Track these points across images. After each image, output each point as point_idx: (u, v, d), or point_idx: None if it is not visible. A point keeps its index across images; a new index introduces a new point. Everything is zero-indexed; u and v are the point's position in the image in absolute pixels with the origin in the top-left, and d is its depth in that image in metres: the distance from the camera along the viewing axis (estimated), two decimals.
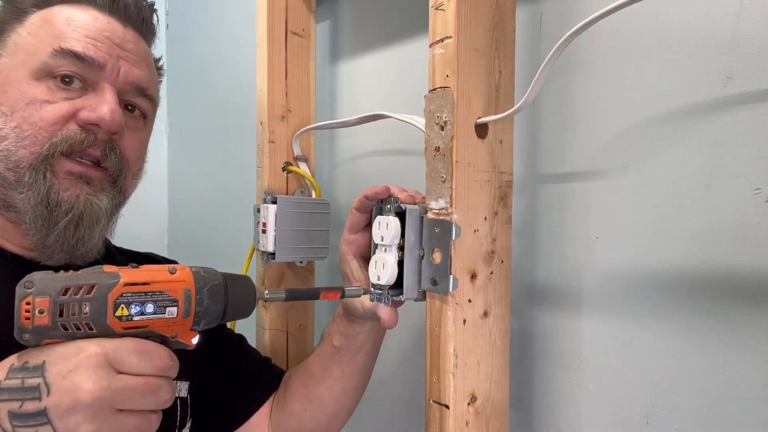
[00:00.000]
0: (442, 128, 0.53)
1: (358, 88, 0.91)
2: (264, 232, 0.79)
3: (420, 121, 0.60)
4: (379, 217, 0.58)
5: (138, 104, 0.63)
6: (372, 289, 0.58)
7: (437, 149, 0.53)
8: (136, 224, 1.58)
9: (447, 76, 0.52)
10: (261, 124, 0.85)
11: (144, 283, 0.44)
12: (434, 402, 0.54)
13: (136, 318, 0.43)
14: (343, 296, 0.55)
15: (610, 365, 0.59)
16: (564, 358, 0.62)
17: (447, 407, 0.53)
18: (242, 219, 1.04)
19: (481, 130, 0.55)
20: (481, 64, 0.54)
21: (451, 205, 0.52)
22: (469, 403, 0.55)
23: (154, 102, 0.65)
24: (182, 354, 0.61)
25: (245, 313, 0.51)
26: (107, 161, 0.59)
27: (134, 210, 0.69)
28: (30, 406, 0.39)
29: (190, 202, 1.52)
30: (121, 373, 0.41)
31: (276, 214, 0.78)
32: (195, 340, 0.48)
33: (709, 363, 0.51)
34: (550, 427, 0.64)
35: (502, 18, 0.56)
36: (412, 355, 0.82)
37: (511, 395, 0.60)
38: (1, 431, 0.39)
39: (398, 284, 0.56)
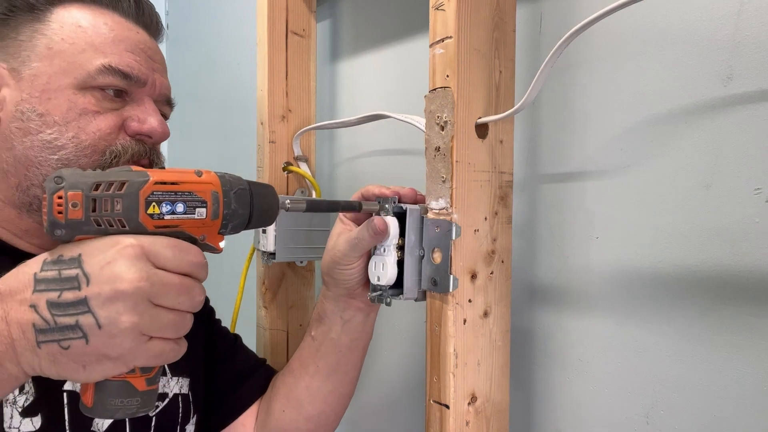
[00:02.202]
0: (443, 128, 0.53)
1: (358, 88, 0.91)
2: (264, 232, 0.79)
3: (420, 121, 0.60)
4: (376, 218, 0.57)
5: (167, 113, 0.67)
6: (371, 293, 0.58)
7: (437, 149, 0.53)
8: None
9: (447, 76, 0.52)
10: (261, 124, 0.85)
11: (173, 183, 0.44)
12: (434, 402, 0.54)
13: (167, 217, 0.43)
14: (360, 209, 0.56)
15: (610, 365, 0.59)
16: (564, 358, 0.62)
17: (447, 407, 0.53)
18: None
19: (481, 130, 0.55)
20: (481, 64, 0.54)
21: (451, 205, 0.52)
22: (469, 403, 0.55)
23: (173, 107, 0.69)
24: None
25: (269, 219, 0.51)
26: (153, 167, 0.62)
27: None
28: (69, 296, 0.39)
29: None
30: (158, 268, 0.42)
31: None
32: (222, 244, 0.49)
33: (709, 363, 0.51)
34: (550, 427, 0.64)
35: (502, 18, 0.56)
36: (412, 355, 0.82)
37: (511, 395, 0.60)
38: (41, 321, 0.38)
39: (398, 284, 0.56)
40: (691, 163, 0.52)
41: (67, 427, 0.56)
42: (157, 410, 0.66)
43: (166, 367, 0.67)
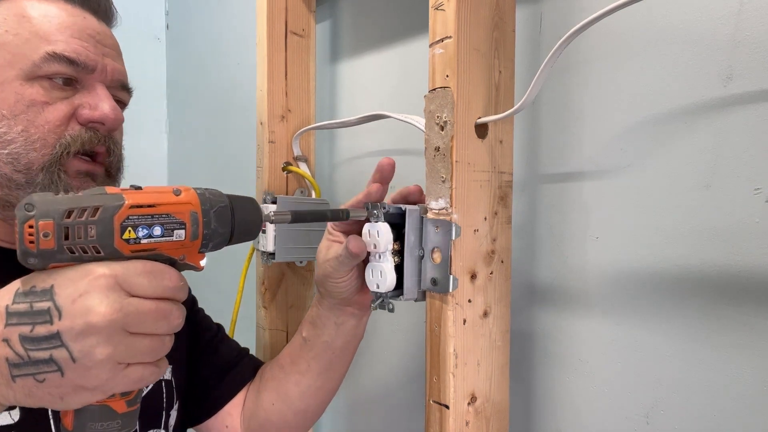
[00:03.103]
0: (442, 128, 0.53)
1: (358, 88, 0.91)
2: (264, 232, 0.79)
3: (420, 121, 0.60)
4: (367, 225, 0.56)
5: (122, 98, 0.64)
6: (373, 301, 0.58)
7: (437, 149, 0.53)
8: None
9: (447, 76, 0.52)
10: (261, 124, 0.85)
11: (150, 206, 0.42)
12: (434, 402, 0.54)
13: (144, 241, 0.42)
14: (347, 218, 0.54)
15: (610, 365, 0.58)
16: (564, 358, 0.62)
17: (447, 407, 0.53)
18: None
19: (481, 130, 0.55)
20: (481, 64, 0.54)
21: (451, 205, 0.52)
22: (469, 403, 0.55)
23: (131, 94, 0.66)
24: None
25: (252, 234, 0.50)
26: (111, 156, 0.61)
27: None
28: (42, 330, 0.38)
29: None
30: (132, 296, 0.41)
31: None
32: (203, 262, 0.48)
33: (709, 363, 0.51)
34: (550, 427, 0.64)
35: (502, 18, 0.56)
36: (412, 355, 0.82)
37: (511, 395, 0.60)
38: (14, 355, 0.38)
39: (398, 287, 0.56)
40: (691, 163, 0.52)
41: (50, 417, 0.56)
42: (143, 394, 0.66)
43: None
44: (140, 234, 0.42)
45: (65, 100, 0.57)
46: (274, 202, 0.79)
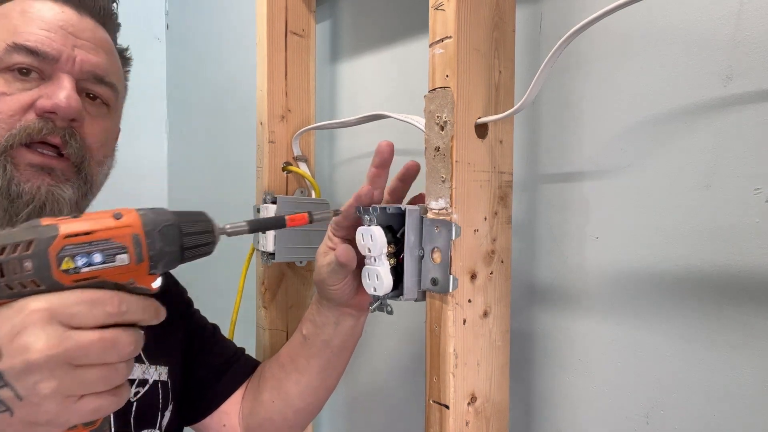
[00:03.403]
0: (442, 128, 0.53)
1: (358, 88, 0.91)
2: (264, 232, 0.79)
3: (420, 121, 0.60)
4: (360, 229, 0.56)
5: (98, 92, 0.63)
6: (371, 304, 0.59)
7: (437, 149, 0.53)
8: None
9: (447, 76, 0.52)
10: (261, 124, 0.85)
11: (86, 233, 0.41)
12: (434, 402, 0.54)
13: (84, 270, 0.41)
14: (311, 221, 0.53)
15: (610, 365, 0.58)
16: (564, 358, 0.62)
17: (447, 407, 0.53)
18: (242, 219, 1.04)
19: (481, 130, 0.55)
20: (481, 64, 0.54)
21: (451, 205, 0.52)
22: (469, 403, 0.55)
23: (115, 89, 0.64)
24: (162, 339, 0.63)
25: (206, 251, 0.48)
26: (68, 148, 0.59)
27: None
28: None
29: (189, 202, 1.52)
30: (72, 327, 0.40)
31: (276, 215, 0.78)
32: (156, 283, 0.46)
33: (709, 363, 0.51)
34: (550, 427, 0.64)
35: (502, 18, 0.56)
36: (412, 355, 0.82)
37: (511, 395, 0.60)
38: None
39: (394, 288, 0.56)
40: (691, 163, 0.52)
41: None
42: (138, 396, 0.66)
43: (143, 355, 0.67)
44: (79, 263, 0.40)
45: (26, 91, 0.57)
46: (274, 202, 0.79)
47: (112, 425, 0.62)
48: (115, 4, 0.66)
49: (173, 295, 0.79)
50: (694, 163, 0.52)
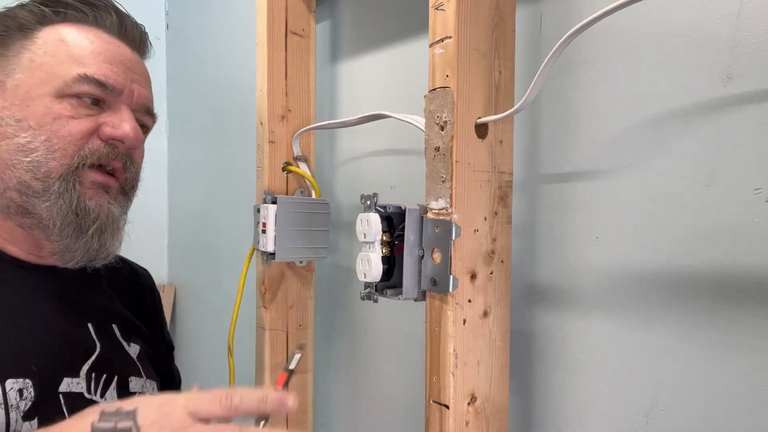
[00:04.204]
0: (442, 128, 0.53)
1: (358, 88, 0.91)
2: (264, 232, 0.79)
3: (420, 121, 0.60)
4: (360, 215, 0.58)
5: (145, 122, 0.69)
6: (361, 290, 0.60)
7: (437, 149, 0.53)
8: (136, 224, 1.58)
9: (447, 76, 0.52)
10: (261, 123, 0.85)
11: None
12: (434, 402, 0.54)
13: None
14: (288, 371, 0.53)
15: (610, 365, 0.59)
16: (564, 358, 0.62)
17: (447, 407, 0.53)
18: (242, 219, 1.04)
19: (481, 130, 0.55)
20: (481, 64, 0.54)
21: (451, 205, 0.52)
22: (469, 403, 0.55)
23: (155, 118, 0.71)
24: (153, 355, 0.71)
25: None
26: (127, 173, 0.65)
27: (134, 209, 0.71)
28: None
29: (190, 203, 1.52)
30: (199, 419, 0.45)
31: (276, 215, 0.78)
32: None
33: (709, 363, 0.51)
34: (550, 427, 0.64)
35: (502, 18, 0.56)
36: (412, 355, 0.82)
37: (511, 395, 0.60)
38: None
39: (386, 279, 0.57)
40: (691, 163, 0.52)
41: None
42: None
43: (141, 369, 0.70)
44: None
45: (91, 117, 0.61)
46: (274, 202, 0.79)
47: None
48: (149, 41, 0.71)
49: (158, 310, 0.84)
50: (694, 163, 0.52)
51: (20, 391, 0.56)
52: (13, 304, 0.60)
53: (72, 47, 0.61)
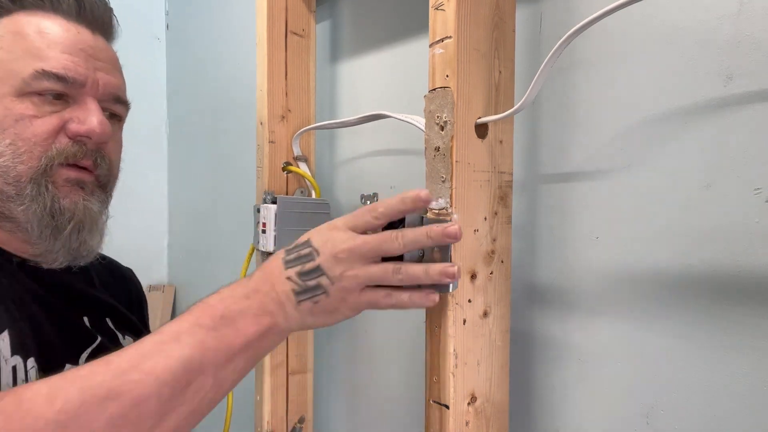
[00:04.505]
0: (442, 128, 0.53)
1: (358, 88, 0.91)
2: (264, 232, 0.79)
3: (420, 121, 0.60)
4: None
5: (116, 111, 0.65)
6: None
7: (437, 149, 0.53)
8: (136, 224, 1.59)
9: (447, 76, 0.52)
10: (261, 124, 0.85)
11: None
12: (434, 402, 0.54)
13: None
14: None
15: (610, 365, 0.58)
16: (564, 358, 0.62)
17: (447, 407, 0.53)
18: (242, 219, 1.04)
19: (481, 130, 0.55)
20: (481, 64, 0.54)
21: (451, 205, 0.52)
22: (469, 403, 0.55)
23: (127, 107, 0.67)
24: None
25: None
26: (99, 169, 0.62)
27: (134, 209, 0.70)
28: (309, 266, 0.51)
29: (190, 203, 1.52)
30: (361, 233, 0.52)
31: (276, 214, 0.78)
32: None
33: (709, 363, 0.51)
34: (549, 427, 0.64)
35: (502, 18, 0.56)
36: (412, 355, 0.82)
37: (511, 395, 0.60)
38: (297, 286, 0.51)
39: None
40: (691, 163, 0.52)
41: None
42: None
43: (114, 329, 0.70)
44: None
45: (55, 114, 0.58)
46: (274, 202, 0.79)
47: None
48: (114, 18, 0.67)
49: (145, 306, 0.83)
50: (694, 163, 0.52)
51: (34, 370, 0.57)
52: (9, 294, 0.60)
53: (28, 40, 0.58)
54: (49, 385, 0.43)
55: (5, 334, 0.56)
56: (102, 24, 0.64)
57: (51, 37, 0.59)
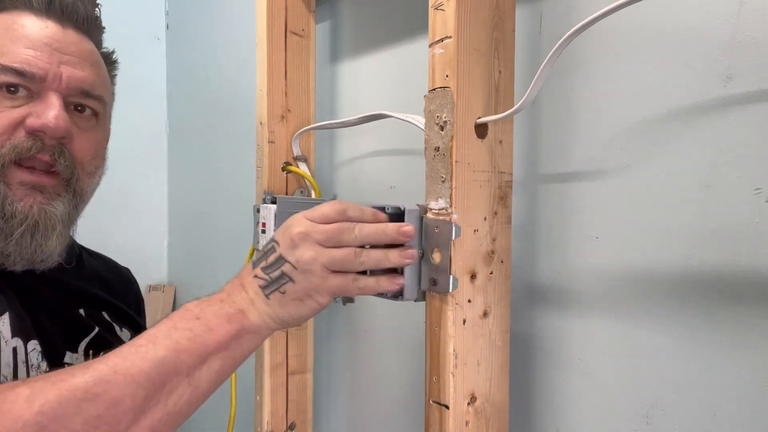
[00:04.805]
0: (442, 128, 0.53)
1: (358, 88, 0.91)
2: (264, 232, 0.79)
3: (421, 121, 0.60)
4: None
5: (88, 105, 0.63)
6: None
7: (437, 149, 0.53)
8: (136, 224, 1.59)
9: (447, 76, 0.52)
10: (261, 124, 0.85)
11: None
12: (434, 402, 0.54)
13: None
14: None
15: (610, 365, 0.58)
16: (564, 358, 0.62)
17: (447, 407, 0.53)
18: (242, 219, 1.04)
19: (481, 130, 0.55)
20: (481, 64, 0.54)
21: (451, 205, 0.52)
22: (469, 403, 0.55)
23: (102, 101, 0.65)
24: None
25: None
26: (58, 165, 0.60)
27: (134, 210, 0.70)
28: (271, 258, 0.54)
29: (189, 203, 1.52)
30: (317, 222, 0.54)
31: (276, 215, 0.78)
32: None
33: (709, 363, 0.51)
34: (549, 427, 0.64)
35: (502, 18, 0.56)
36: (412, 355, 0.82)
37: (511, 395, 0.60)
38: (262, 281, 0.53)
39: None
40: (691, 163, 0.52)
41: None
42: None
43: (111, 321, 0.70)
44: None
45: (16, 108, 0.57)
46: (273, 202, 0.79)
47: None
48: (98, 9, 0.66)
49: (142, 303, 0.83)
50: (694, 163, 0.52)
51: (36, 353, 0.58)
52: (10, 285, 0.59)
53: None
54: (31, 387, 0.44)
55: (6, 316, 0.56)
56: (76, 18, 0.63)
57: (16, 33, 0.58)
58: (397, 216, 0.56)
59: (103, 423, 0.44)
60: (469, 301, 0.54)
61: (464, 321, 0.54)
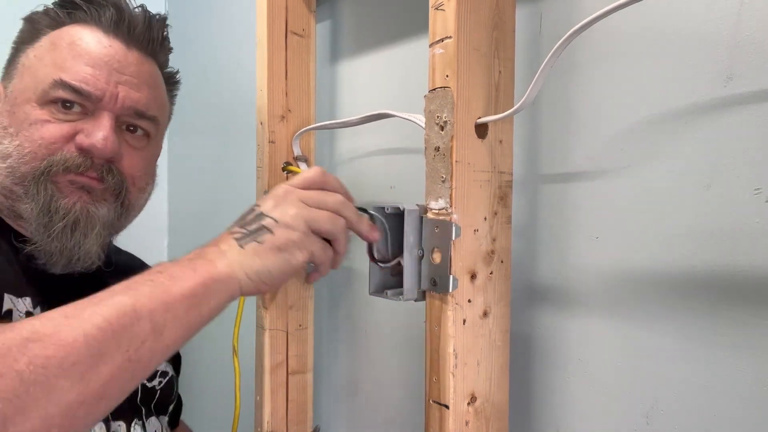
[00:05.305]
0: (442, 128, 0.53)
1: (358, 88, 0.91)
2: None
3: (423, 120, 0.60)
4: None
5: (140, 126, 0.65)
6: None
7: (437, 149, 0.53)
8: (136, 224, 1.59)
9: (447, 76, 0.52)
10: (261, 124, 0.85)
11: None
12: (434, 402, 0.54)
13: None
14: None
15: (610, 365, 0.58)
16: (564, 358, 0.62)
17: (447, 407, 0.53)
18: None
19: (481, 130, 0.55)
20: (481, 64, 0.54)
21: (450, 205, 0.52)
22: (469, 403, 0.55)
23: (156, 121, 0.67)
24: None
25: None
26: (105, 182, 0.62)
27: None
28: (251, 216, 0.55)
29: (190, 202, 1.52)
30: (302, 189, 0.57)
31: None
32: None
33: (709, 363, 0.51)
34: (549, 427, 0.64)
35: (502, 18, 0.56)
36: (412, 355, 0.82)
37: (511, 395, 0.60)
38: (239, 235, 0.54)
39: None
40: (691, 163, 0.52)
41: None
42: (161, 384, 0.73)
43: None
44: None
45: (67, 123, 0.59)
46: None
47: (143, 411, 0.70)
48: (166, 31, 0.68)
49: None
50: (694, 163, 0.52)
51: None
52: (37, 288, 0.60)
53: (58, 51, 0.59)
54: None
55: (28, 299, 0.57)
56: (143, 40, 0.64)
57: (79, 49, 0.59)
58: (397, 216, 0.56)
59: (53, 364, 0.40)
60: (469, 301, 0.54)
61: (464, 321, 0.54)
